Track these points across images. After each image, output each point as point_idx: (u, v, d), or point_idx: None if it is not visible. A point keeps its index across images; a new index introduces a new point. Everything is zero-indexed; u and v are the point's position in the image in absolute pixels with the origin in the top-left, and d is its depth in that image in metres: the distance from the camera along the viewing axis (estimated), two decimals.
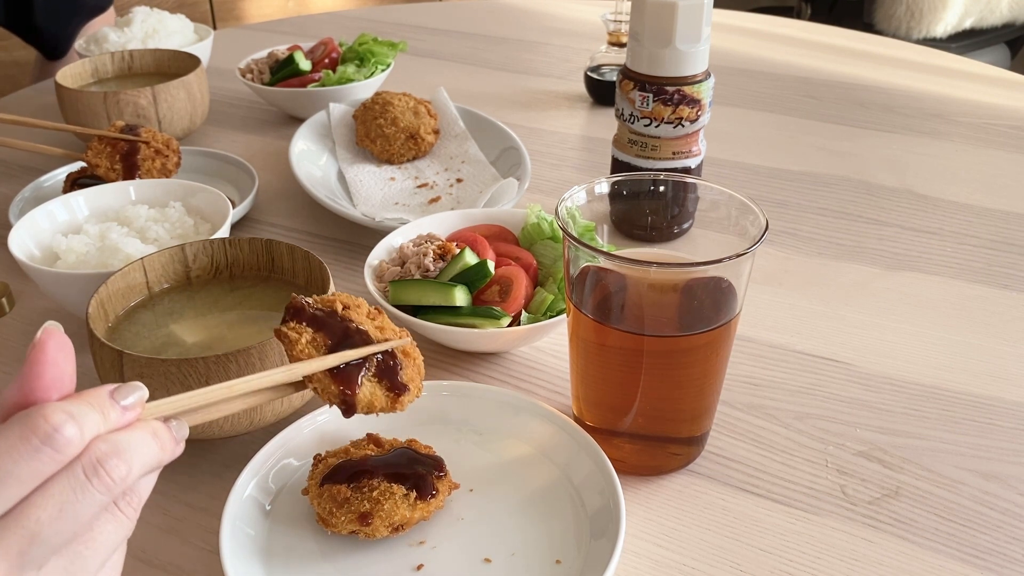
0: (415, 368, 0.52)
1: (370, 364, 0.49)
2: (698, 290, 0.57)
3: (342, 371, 0.48)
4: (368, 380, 0.49)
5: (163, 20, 1.29)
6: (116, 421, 0.38)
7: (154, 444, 0.39)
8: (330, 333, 0.49)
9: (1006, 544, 0.56)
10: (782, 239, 0.89)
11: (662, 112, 0.80)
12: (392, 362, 0.50)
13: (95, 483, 0.36)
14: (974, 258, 0.86)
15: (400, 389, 0.50)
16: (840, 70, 1.36)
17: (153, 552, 0.56)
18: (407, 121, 1.00)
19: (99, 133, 0.89)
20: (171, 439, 0.40)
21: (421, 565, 0.52)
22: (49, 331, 0.38)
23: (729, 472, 0.61)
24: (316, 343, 0.49)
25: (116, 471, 0.37)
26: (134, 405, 0.39)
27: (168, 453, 0.40)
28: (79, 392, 0.38)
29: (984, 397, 0.68)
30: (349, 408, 0.48)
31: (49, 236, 0.77)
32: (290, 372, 0.46)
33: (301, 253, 0.68)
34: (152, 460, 0.39)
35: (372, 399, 0.49)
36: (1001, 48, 2.27)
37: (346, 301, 0.52)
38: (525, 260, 0.74)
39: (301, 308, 0.50)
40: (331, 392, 0.48)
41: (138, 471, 0.38)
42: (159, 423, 0.40)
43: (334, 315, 0.50)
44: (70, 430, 0.36)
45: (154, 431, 0.40)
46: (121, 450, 0.37)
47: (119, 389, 0.39)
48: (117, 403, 0.39)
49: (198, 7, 2.51)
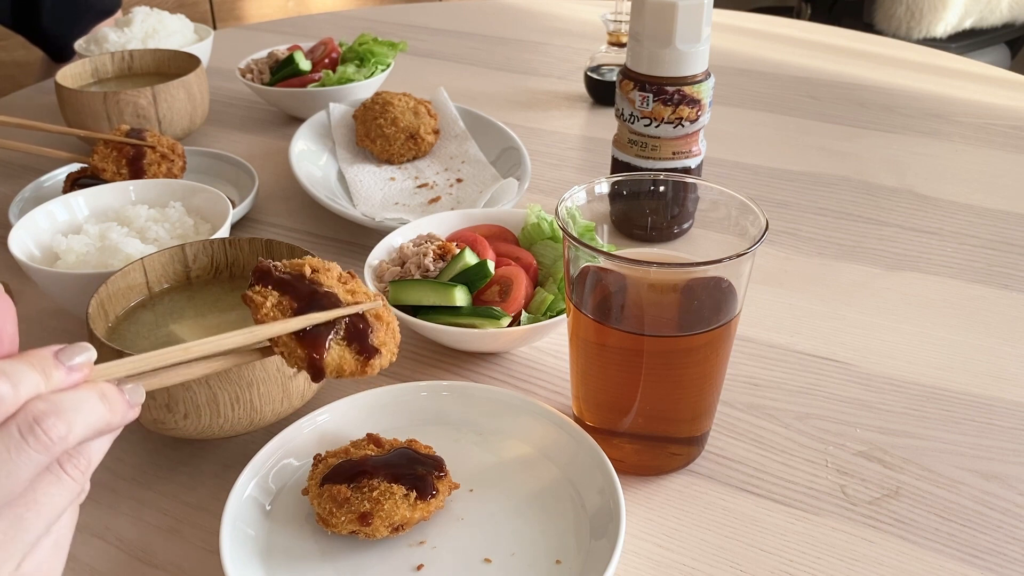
0: (388, 332, 0.50)
1: (339, 327, 0.48)
2: (698, 290, 0.57)
3: (308, 334, 0.46)
4: (336, 343, 0.47)
5: (163, 20, 1.29)
6: (60, 382, 0.37)
7: (101, 406, 0.38)
8: (296, 296, 0.47)
9: (1006, 544, 0.56)
10: (782, 239, 0.89)
11: (662, 112, 0.80)
12: (362, 325, 0.48)
13: (31, 441, 0.35)
14: (974, 258, 0.86)
15: (370, 352, 0.48)
16: (840, 70, 1.36)
17: (153, 552, 0.56)
18: (407, 121, 1.00)
19: (104, 137, 0.89)
20: (122, 402, 0.39)
21: (421, 565, 0.52)
22: None
23: (729, 472, 0.61)
24: (282, 306, 0.47)
25: (54, 430, 0.35)
26: (80, 366, 0.38)
27: (119, 416, 0.39)
28: (22, 352, 0.37)
29: (984, 397, 0.68)
30: (317, 372, 0.47)
31: (49, 236, 0.78)
32: (252, 334, 0.45)
33: (301, 253, 0.68)
34: (98, 422, 0.38)
35: (341, 363, 0.47)
36: (1001, 48, 2.27)
37: (315, 265, 0.50)
38: (525, 260, 0.74)
39: (267, 271, 0.48)
40: (298, 356, 0.46)
41: (80, 431, 0.37)
42: (109, 385, 0.39)
43: (301, 278, 0.49)
44: (2, 387, 0.35)
45: (102, 392, 0.38)
46: (61, 409, 0.36)
47: (64, 350, 0.38)
48: (62, 364, 0.37)
49: (198, 7, 2.51)
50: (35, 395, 0.36)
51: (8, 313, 0.38)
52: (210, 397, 0.56)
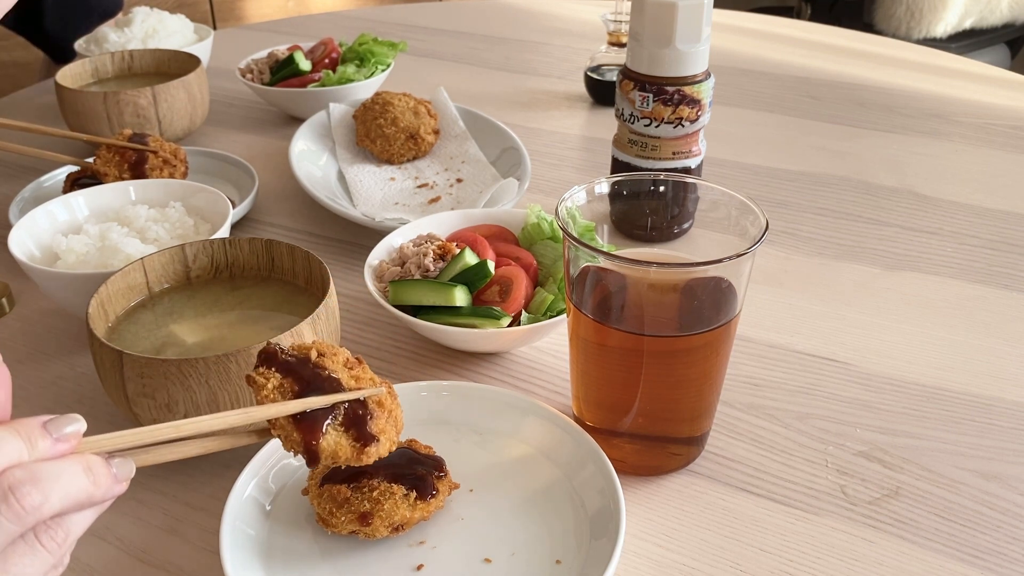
0: (390, 420, 0.50)
1: (337, 413, 0.47)
2: (698, 290, 0.57)
3: (306, 418, 0.46)
4: (334, 429, 0.47)
5: (163, 20, 1.29)
6: (45, 451, 0.37)
7: (83, 478, 0.37)
8: (298, 379, 0.47)
9: (1006, 544, 0.56)
10: (782, 239, 0.89)
11: (662, 112, 0.80)
12: (362, 411, 0.48)
13: (2, 509, 0.34)
14: (974, 258, 0.86)
15: (367, 440, 0.47)
16: (840, 70, 1.36)
17: (153, 552, 0.56)
18: (407, 121, 1.00)
19: (107, 141, 0.90)
20: (107, 475, 0.38)
21: (421, 565, 0.52)
22: None
23: (729, 472, 0.61)
24: (283, 389, 0.47)
25: (27, 498, 0.35)
26: (68, 436, 0.37)
27: (102, 489, 0.38)
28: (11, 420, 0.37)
29: (984, 397, 0.68)
30: (312, 457, 0.46)
31: (49, 236, 0.78)
32: (248, 415, 0.45)
33: (301, 253, 0.68)
34: (79, 494, 0.37)
35: (336, 449, 0.47)
36: (1001, 48, 2.27)
37: (323, 349, 0.50)
38: (525, 260, 0.74)
39: (273, 354, 0.48)
40: (294, 440, 0.46)
41: (58, 503, 0.36)
42: (96, 458, 0.38)
43: (306, 362, 0.48)
44: None
45: (88, 465, 0.37)
46: (38, 478, 0.35)
47: (53, 420, 0.37)
48: (49, 434, 0.37)
49: (198, 7, 2.51)
50: (15, 463, 0.36)
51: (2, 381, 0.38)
52: (210, 397, 0.56)
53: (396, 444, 0.50)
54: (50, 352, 0.75)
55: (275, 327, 0.65)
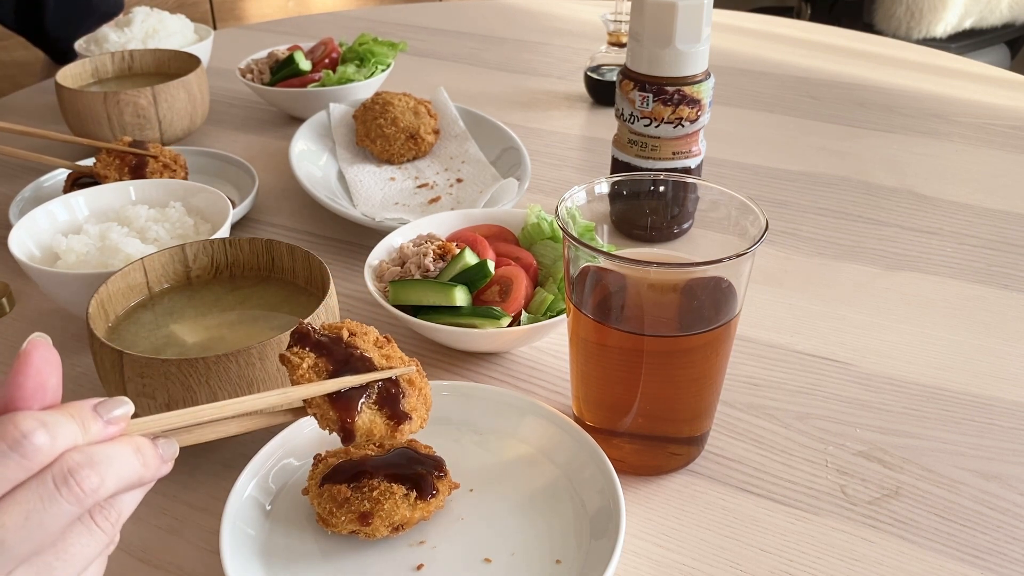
0: (420, 398, 0.51)
1: (371, 391, 0.49)
2: (698, 290, 0.57)
3: (341, 397, 0.47)
4: (368, 407, 0.48)
5: (163, 20, 1.29)
6: (97, 434, 0.38)
7: (135, 459, 0.38)
8: (332, 359, 0.49)
9: (1006, 544, 0.56)
10: (782, 239, 0.89)
11: (662, 112, 0.80)
12: (395, 390, 0.49)
13: (64, 492, 0.35)
14: (974, 258, 0.86)
15: (401, 418, 0.49)
16: (840, 70, 1.36)
17: (153, 552, 0.56)
18: (407, 121, 1.00)
19: (108, 146, 0.90)
20: (156, 456, 0.40)
21: (421, 565, 0.52)
22: (35, 343, 0.37)
23: (729, 472, 0.61)
24: (318, 368, 0.48)
25: (87, 482, 0.36)
26: (118, 419, 0.39)
27: (151, 471, 0.39)
28: (63, 404, 0.38)
29: (984, 397, 0.68)
30: (348, 435, 0.47)
31: (49, 236, 0.78)
32: (286, 396, 0.46)
33: (301, 253, 0.68)
34: (131, 475, 0.38)
35: (371, 426, 0.48)
36: (1001, 48, 2.27)
37: (353, 328, 0.51)
38: (525, 260, 0.74)
39: (306, 334, 0.50)
40: (330, 418, 0.47)
41: (113, 484, 0.37)
42: (144, 439, 0.39)
43: (339, 341, 0.50)
44: (40, 438, 0.35)
45: (137, 447, 0.39)
46: (96, 461, 0.36)
47: (103, 403, 0.38)
48: (100, 416, 0.38)
49: (198, 7, 2.51)
50: (72, 446, 0.37)
51: (54, 365, 0.38)
52: (210, 397, 0.56)
53: (426, 422, 0.51)
54: None
55: (275, 327, 0.65)
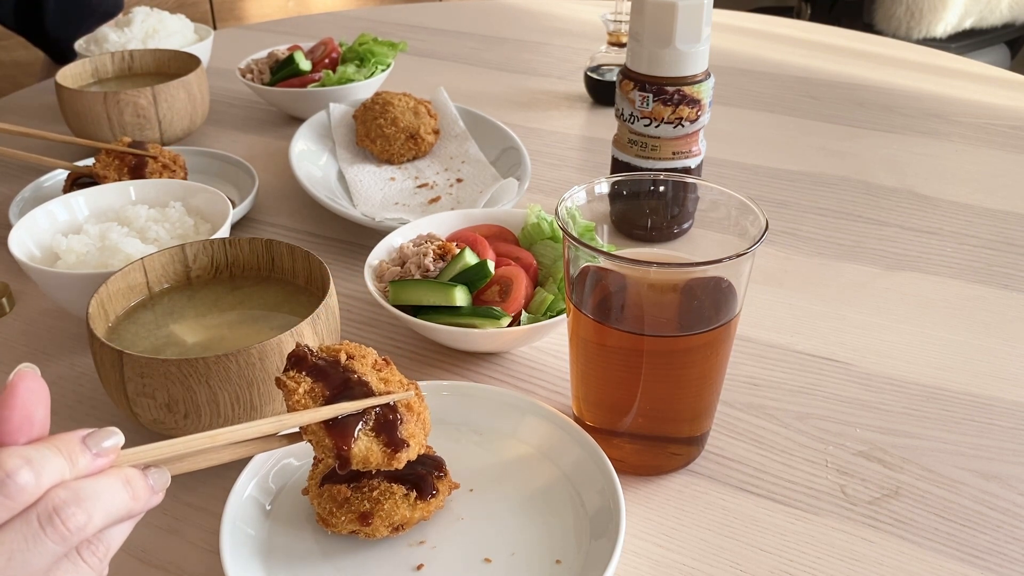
0: (419, 423, 0.50)
1: (368, 418, 0.48)
2: (698, 290, 0.57)
3: (338, 424, 0.46)
4: (365, 434, 0.47)
5: (163, 20, 1.29)
6: (85, 468, 0.37)
7: (124, 493, 0.37)
8: (329, 384, 0.48)
9: (1006, 544, 0.56)
10: (782, 239, 0.89)
11: (662, 112, 0.80)
12: (392, 416, 0.48)
13: (48, 532, 0.35)
14: (974, 258, 0.86)
15: (398, 445, 0.48)
16: (840, 70, 1.36)
17: (153, 552, 0.56)
18: (407, 121, 1.00)
19: (107, 147, 0.90)
20: (146, 488, 0.39)
21: (421, 565, 0.52)
22: (22, 374, 0.37)
23: (729, 472, 0.61)
24: (314, 394, 0.47)
25: (73, 520, 0.35)
26: (107, 451, 0.38)
27: (141, 503, 0.38)
28: (51, 436, 0.37)
29: (984, 397, 0.68)
30: (343, 463, 0.46)
31: (49, 236, 0.78)
32: (280, 423, 0.45)
33: (301, 253, 0.68)
34: (120, 509, 0.37)
35: (368, 454, 0.47)
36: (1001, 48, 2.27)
37: (351, 351, 0.50)
38: (525, 260, 0.74)
39: (303, 357, 0.48)
40: (326, 445, 0.46)
41: (101, 521, 0.36)
42: (134, 470, 0.38)
43: (336, 365, 0.49)
44: (24, 476, 0.34)
45: (127, 479, 0.38)
46: (82, 498, 0.36)
47: (92, 435, 0.37)
48: (89, 449, 0.37)
49: (198, 7, 2.51)
50: (58, 482, 0.36)
51: (41, 396, 0.37)
52: (210, 397, 0.56)
53: (424, 448, 0.50)
54: (50, 352, 0.75)
55: (275, 327, 0.65)
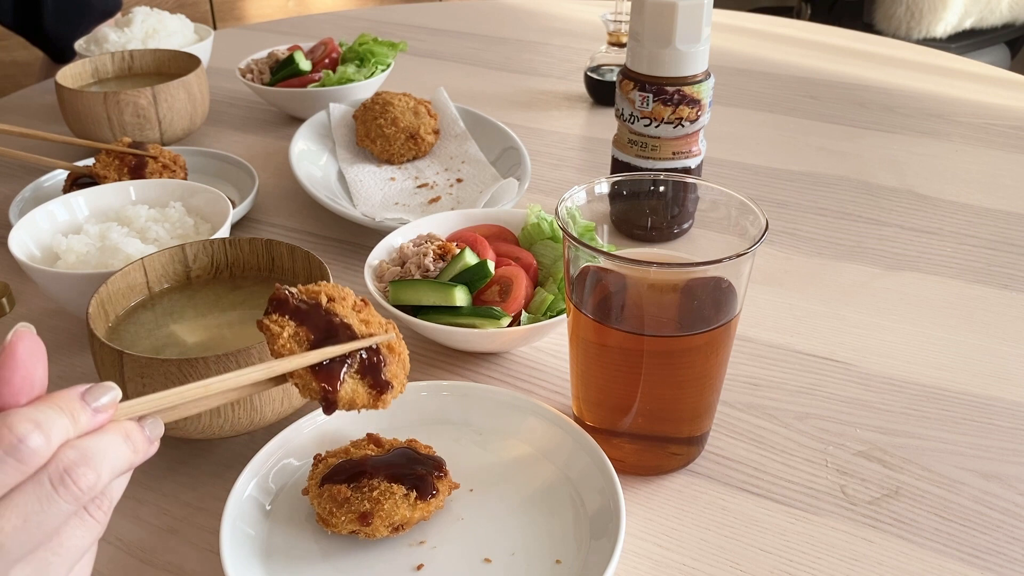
0: (399, 363, 0.51)
1: (353, 360, 0.48)
2: (698, 290, 0.57)
3: (324, 368, 0.47)
4: (350, 377, 0.48)
5: (163, 20, 1.29)
6: (87, 424, 0.37)
7: (125, 447, 0.38)
8: (313, 327, 0.48)
9: (1006, 544, 0.56)
10: (782, 239, 0.89)
11: (662, 112, 0.80)
12: (376, 358, 0.49)
13: (62, 493, 0.35)
14: (974, 258, 0.86)
15: (383, 387, 0.48)
16: (840, 70, 1.36)
17: (153, 552, 0.56)
18: (407, 121, 1.00)
19: (107, 147, 0.90)
20: (144, 439, 0.39)
21: (421, 565, 0.52)
22: (20, 333, 0.37)
23: (729, 472, 0.61)
24: (299, 337, 0.47)
25: (84, 480, 0.36)
26: (106, 406, 0.38)
27: (141, 454, 0.39)
28: (49, 394, 0.37)
29: (984, 397, 0.68)
30: (330, 405, 0.47)
31: (49, 236, 0.78)
32: (270, 369, 0.45)
33: (301, 253, 0.68)
34: (123, 463, 0.38)
35: (354, 396, 0.48)
36: (1001, 48, 2.27)
37: (331, 293, 0.50)
38: (525, 260, 0.74)
39: (285, 300, 0.48)
40: (312, 389, 0.47)
41: (107, 476, 0.37)
42: (132, 424, 0.39)
43: (318, 308, 0.49)
44: (35, 440, 0.35)
45: (126, 432, 0.38)
46: (90, 457, 0.36)
47: (91, 390, 0.38)
48: (88, 405, 0.37)
49: (198, 7, 2.51)
50: (64, 442, 0.36)
51: (39, 356, 0.38)
52: None
53: (405, 388, 0.51)
54: (50, 352, 0.74)
55: None
